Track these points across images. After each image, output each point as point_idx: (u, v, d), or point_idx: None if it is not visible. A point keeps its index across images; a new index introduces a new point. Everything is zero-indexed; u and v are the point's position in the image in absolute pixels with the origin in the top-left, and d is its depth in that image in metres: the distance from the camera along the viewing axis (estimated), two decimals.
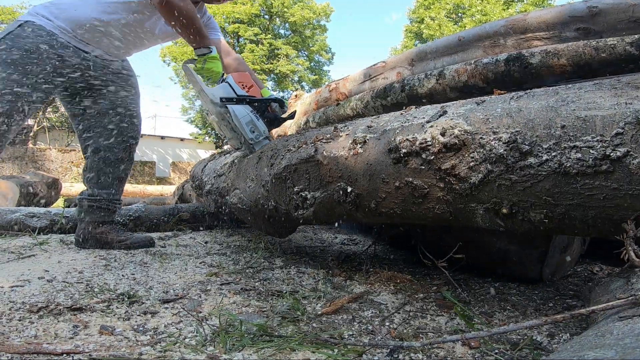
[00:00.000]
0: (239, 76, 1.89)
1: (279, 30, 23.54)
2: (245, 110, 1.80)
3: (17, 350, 0.80)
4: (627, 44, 1.48)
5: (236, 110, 1.78)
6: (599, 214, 0.84)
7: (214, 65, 1.84)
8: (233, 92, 1.81)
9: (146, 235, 2.07)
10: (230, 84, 1.83)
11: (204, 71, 1.85)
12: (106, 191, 1.98)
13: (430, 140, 1.01)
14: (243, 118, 1.79)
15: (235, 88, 1.83)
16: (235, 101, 1.80)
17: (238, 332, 0.93)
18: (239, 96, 1.81)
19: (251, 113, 1.81)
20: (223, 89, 1.82)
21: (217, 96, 1.80)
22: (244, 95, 1.82)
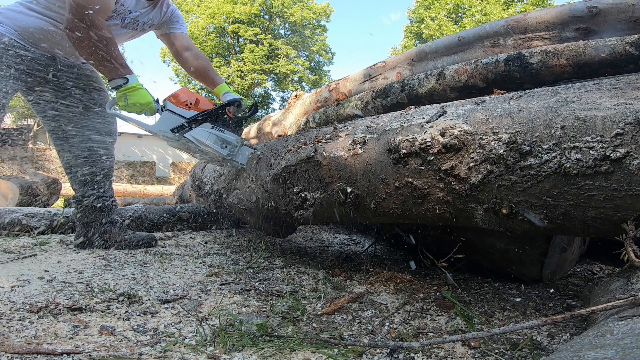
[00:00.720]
0: (178, 96, 1.66)
1: (279, 30, 23.55)
2: (205, 129, 1.61)
3: (17, 350, 0.80)
4: (627, 44, 1.48)
5: (195, 135, 1.60)
6: (598, 215, 0.84)
7: (138, 96, 1.61)
8: (180, 117, 1.61)
9: (148, 234, 2.07)
10: (172, 110, 1.62)
11: (131, 108, 1.63)
12: (95, 190, 1.97)
13: (430, 141, 1.01)
14: (208, 140, 1.61)
15: (180, 112, 1.62)
16: (189, 126, 1.60)
17: (238, 332, 0.93)
18: (189, 119, 1.60)
19: (213, 130, 1.62)
20: (167, 119, 1.61)
21: (167, 129, 1.60)
22: (194, 115, 1.61)
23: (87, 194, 1.96)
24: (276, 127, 3.79)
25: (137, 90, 1.61)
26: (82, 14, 1.53)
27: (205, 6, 20.51)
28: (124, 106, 1.63)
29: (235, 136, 1.68)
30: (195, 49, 2.12)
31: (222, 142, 1.64)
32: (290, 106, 3.72)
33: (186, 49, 2.08)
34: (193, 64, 2.07)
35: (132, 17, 1.83)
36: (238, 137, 1.70)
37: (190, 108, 1.63)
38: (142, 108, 1.63)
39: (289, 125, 3.53)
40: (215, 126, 1.64)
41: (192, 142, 1.60)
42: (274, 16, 22.37)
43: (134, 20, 1.85)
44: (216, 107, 1.67)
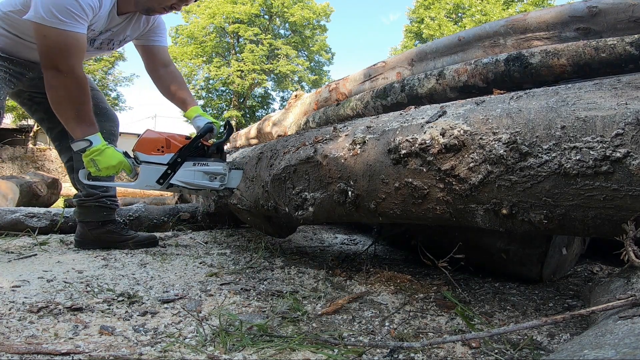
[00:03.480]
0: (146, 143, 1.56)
1: (279, 30, 23.56)
2: (188, 170, 1.55)
3: (17, 350, 0.80)
4: (627, 44, 1.48)
5: (181, 178, 1.54)
6: (599, 215, 0.84)
7: (108, 158, 1.52)
8: (158, 165, 1.54)
9: (150, 234, 2.07)
10: (148, 161, 1.54)
11: (104, 172, 1.54)
12: (98, 189, 1.94)
13: (430, 141, 1.01)
14: (194, 180, 1.55)
15: (156, 159, 1.54)
16: (171, 172, 1.54)
17: (238, 332, 0.93)
18: (169, 164, 1.54)
19: (196, 167, 1.55)
20: (147, 172, 1.55)
21: (152, 182, 1.55)
22: (172, 159, 1.54)
23: (90, 195, 1.94)
24: (276, 127, 3.79)
25: (104, 152, 1.52)
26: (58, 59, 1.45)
27: (205, 6, 20.51)
28: (96, 172, 1.55)
29: (221, 164, 1.61)
30: (173, 67, 1.99)
31: (210, 176, 1.58)
32: (290, 106, 3.72)
33: (164, 65, 1.94)
34: (167, 83, 1.93)
35: (103, 38, 1.71)
36: (223, 164, 1.63)
37: (164, 152, 1.55)
38: (116, 169, 1.56)
39: (289, 125, 3.53)
40: (197, 162, 1.56)
41: (180, 186, 1.55)
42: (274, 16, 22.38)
43: (107, 40, 1.74)
44: (190, 142, 1.57)
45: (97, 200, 1.95)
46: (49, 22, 1.40)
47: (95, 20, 1.56)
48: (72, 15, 1.42)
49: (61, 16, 1.40)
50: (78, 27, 1.45)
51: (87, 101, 1.54)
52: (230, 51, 22.60)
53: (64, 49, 1.44)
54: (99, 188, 1.96)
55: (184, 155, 1.55)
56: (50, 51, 1.44)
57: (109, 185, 1.64)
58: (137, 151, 1.56)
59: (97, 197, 1.96)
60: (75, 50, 1.47)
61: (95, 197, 1.95)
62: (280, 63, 21.45)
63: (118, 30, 1.73)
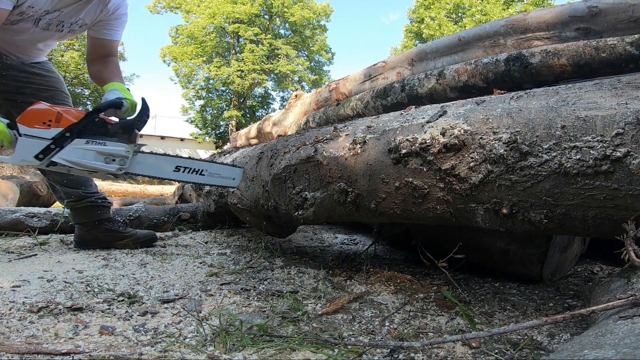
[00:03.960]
0: (31, 115, 1.35)
1: (279, 30, 23.55)
2: (78, 147, 1.35)
3: (17, 350, 0.80)
4: (627, 44, 1.48)
5: (66, 156, 1.34)
6: (599, 214, 0.84)
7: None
8: (41, 140, 1.34)
9: (148, 232, 2.07)
10: (28, 134, 1.34)
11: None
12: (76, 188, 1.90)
13: (430, 141, 1.01)
14: (83, 159, 1.35)
15: (39, 133, 1.33)
16: (56, 147, 1.34)
17: (238, 332, 0.93)
18: (54, 139, 1.33)
19: (89, 144, 1.36)
20: (25, 145, 1.34)
21: (29, 157, 1.34)
22: (59, 133, 1.33)
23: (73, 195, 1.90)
24: (276, 127, 3.79)
25: None
26: None
27: (205, 6, 20.51)
28: None
29: (123, 145, 1.39)
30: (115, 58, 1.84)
31: (105, 157, 1.37)
32: (291, 106, 3.72)
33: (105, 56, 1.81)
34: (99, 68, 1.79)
35: (51, 18, 1.62)
36: (127, 145, 1.40)
37: (52, 126, 1.35)
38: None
39: (289, 125, 3.53)
40: (92, 140, 1.36)
41: (65, 164, 1.34)
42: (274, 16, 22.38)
43: (57, 22, 1.64)
44: (84, 116, 1.38)
45: (88, 201, 1.92)
46: None
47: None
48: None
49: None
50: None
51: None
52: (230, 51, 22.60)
53: None
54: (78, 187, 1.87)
55: (75, 131, 1.35)
56: None
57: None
58: (20, 123, 1.36)
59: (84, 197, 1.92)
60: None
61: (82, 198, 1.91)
62: (281, 63, 21.45)
63: (69, 11, 1.64)
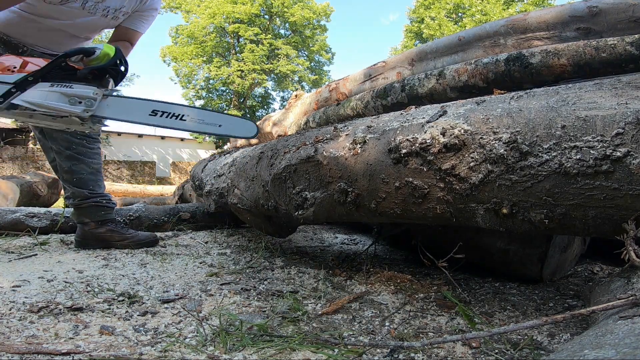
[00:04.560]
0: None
1: (279, 30, 23.56)
2: (42, 89, 1.34)
3: (17, 350, 0.80)
4: (627, 44, 1.48)
5: (28, 98, 1.33)
6: (599, 214, 0.84)
7: None
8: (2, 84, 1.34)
9: (150, 234, 2.07)
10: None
11: None
12: (84, 188, 1.93)
13: (430, 140, 1.01)
14: (47, 101, 1.33)
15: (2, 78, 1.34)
16: (17, 90, 1.33)
17: (238, 332, 0.93)
18: (15, 83, 1.33)
19: (54, 87, 1.35)
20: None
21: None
22: (20, 77, 1.33)
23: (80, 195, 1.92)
24: (276, 127, 3.79)
25: None
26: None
27: (206, 6, 20.52)
28: None
29: (91, 88, 1.37)
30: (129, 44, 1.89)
31: (70, 99, 1.34)
32: (291, 106, 3.72)
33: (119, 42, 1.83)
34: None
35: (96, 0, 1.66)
36: (96, 89, 1.38)
37: (15, 72, 1.36)
38: None
39: (289, 125, 3.53)
40: (57, 83, 1.35)
41: (27, 107, 1.33)
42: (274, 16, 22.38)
43: (102, 5, 1.69)
44: (50, 61, 1.37)
45: (92, 201, 1.94)
46: None
47: None
48: None
49: None
50: None
51: None
52: (230, 51, 22.61)
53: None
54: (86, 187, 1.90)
55: (39, 75, 1.35)
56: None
57: None
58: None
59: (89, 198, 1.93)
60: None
61: (87, 198, 1.93)
62: (281, 63, 21.46)
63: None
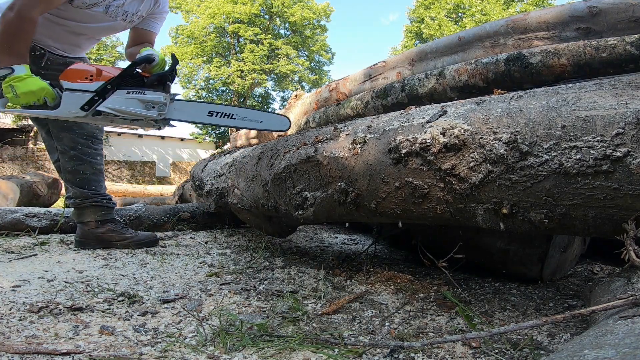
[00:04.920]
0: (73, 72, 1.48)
1: (279, 30, 23.56)
2: (121, 97, 1.46)
3: (17, 350, 0.80)
4: (627, 44, 1.48)
5: (111, 105, 1.44)
6: (599, 214, 0.84)
7: (28, 84, 1.44)
8: (85, 92, 1.45)
9: (150, 233, 2.07)
10: (72, 88, 1.45)
11: (23, 99, 1.46)
12: (87, 189, 1.94)
13: (430, 140, 1.01)
14: (128, 106, 1.46)
15: (83, 87, 1.45)
16: (99, 98, 1.44)
17: (238, 332, 0.93)
18: (97, 91, 1.44)
19: (130, 94, 1.47)
20: (71, 98, 1.45)
21: (75, 109, 1.45)
22: (101, 85, 1.44)
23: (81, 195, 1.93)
24: None
25: (26, 79, 1.44)
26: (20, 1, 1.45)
27: (206, 6, 20.51)
28: (13, 98, 1.44)
29: (161, 94, 1.51)
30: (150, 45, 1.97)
31: (146, 104, 1.48)
32: (291, 106, 3.73)
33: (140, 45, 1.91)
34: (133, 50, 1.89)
35: (117, 4, 1.72)
36: (164, 94, 1.52)
37: (93, 80, 1.47)
38: (36, 96, 1.46)
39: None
40: (132, 90, 1.48)
41: (111, 113, 1.45)
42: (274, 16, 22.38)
43: (121, 10, 1.75)
44: (123, 70, 1.49)
45: (93, 201, 1.94)
46: None
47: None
48: None
49: None
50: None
51: (25, 39, 1.50)
52: (230, 51, 22.61)
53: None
54: (89, 187, 1.92)
55: (115, 83, 1.46)
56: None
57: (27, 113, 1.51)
58: (62, 79, 1.47)
59: (90, 198, 1.94)
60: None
61: (88, 198, 1.94)
62: (281, 63, 21.46)
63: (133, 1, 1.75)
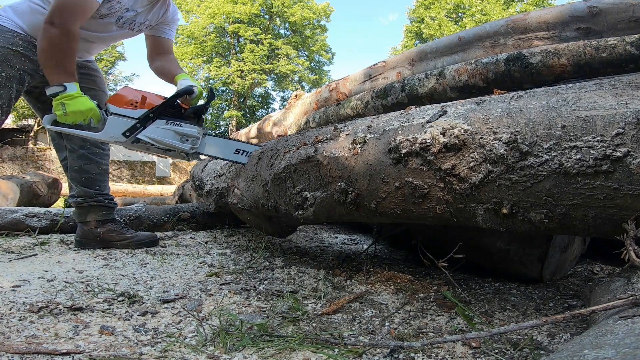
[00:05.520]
0: (120, 97, 1.55)
1: (279, 30, 23.56)
2: (159, 127, 1.53)
3: (17, 350, 0.80)
4: (627, 44, 1.48)
5: (150, 134, 1.52)
6: (599, 214, 0.84)
7: (78, 104, 1.50)
8: (128, 118, 1.52)
9: (150, 234, 2.07)
10: (118, 113, 1.52)
11: (71, 117, 1.52)
12: (92, 188, 1.95)
13: (430, 140, 1.01)
14: (165, 137, 1.52)
15: (127, 112, 1.53)
16: (141, 126, 1.52)
17: (238, 332, 0.93)
18: (139, 119, 1.52)
19: (168, 125, 1.53)
20: (115, 123, 1.52)
21: (118, 134, 1.52)
22: (144, 114, 1.52)
23: (85, 193, 1.95)
24: (276, 127, 3.80)
25: (77, 98, 1.51)
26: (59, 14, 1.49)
27: (206, 6, 20.51)
28: (62, 116, 1.51)
29: (195, 127, 1.58)
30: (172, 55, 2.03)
31: (181, 137, 1.54)
32: (291, 106, 3.73)
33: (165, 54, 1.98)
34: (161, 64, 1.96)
35: (128, 16, 1.77)
36: (198, 127, 1.59)
37: (137, 107, 1.54)
38: (84, 116, 1.52)
39: (289, 125, 3.54)
40: (170, 121, 1.54)
41: (148, 142, 1.52)
42: (274, 16, 22.38)
43: (130, 20, 1.80)
44: (166, 100, 1.56)
45: (95, 200, 1.96)
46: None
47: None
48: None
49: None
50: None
51: (71, 55, 1.55)
52: (230, 51, 22.61)
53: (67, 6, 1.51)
54: (94, 187, 1.95)
55: (157, 113, 1.53)
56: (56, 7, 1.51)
57: (72, 132, 1.57)
58: (110, 103, 1.55)
59: (93, 197, 1.95)
60: (81, 10, 1.54)
61: (91, 197, 1.95)
62: (281, 63, 21.45)
63: (142, 12, 1.80)
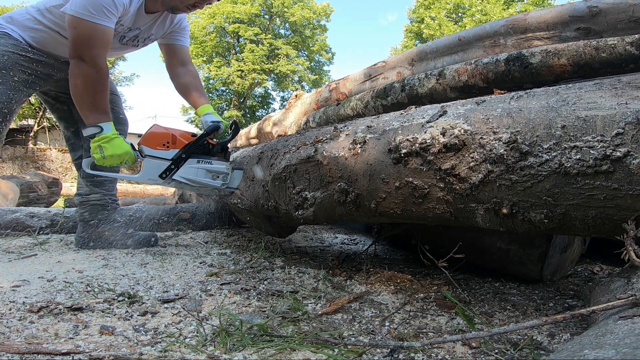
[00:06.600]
0: (152, 138, 1.60)
1: (279, 30, 23.55)
2: (191, 166, 1.58)
3: (17, 350, 0.80)
4: (627, 44, 1.48)
5: (184, 174, 1.57)
6: (599, 214, 0.84)
7: (115, 147, 1.56)
8: (162, 160, 1.58)
9: (149, 233, 2.08)
10: (153, 155, 1.58)
11: (109, 161, 1.57)
12: (101, 189, 1.98)
13: (430, 140, 1.01)
14: (197, 176, 1.58)
15: (161, 154, 1.58)
16: (175, 167, 1.58)
17: (238, 332, 0.93)
18: (173, 160, 1.57)
19: (200, 164, 1.59)
20: (151, 165, 1.58)
21: (155, 176, 1.58)
22: (176, 155, 1.58)
23: (93, 193, 1.96)
24: (276, 127, 3.79)
25: (113, 140, 1.56)
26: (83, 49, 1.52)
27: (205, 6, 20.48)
28: (100, 159, 1.56)
29: (224, 164, 1.64)
30: (191, 66, 2.04)
31: (212, 174, 1.60)
32: (291, 106, 3.72)
33: (182, 64, 2.00)
34: (182, 80, 1.98)
35: (131, 35, 1.79)
36: (227, 163, 1.66)
37: (169, 147, 1.59)
38: (121, 159, 1.58)
39: (289, 125, 3.53)
40: (201, 159, 1.60)
41: (182, 182, 1.58)
42: (274, 16, 22.38)
43: (133, 37, 1.81)
44: (196, 139, 1.62)
45: (101, 200, 1.97)
46: (81, 15, 1.50)
47: (124, 14, 1.65)
48: (102, 11, 1.53)
49: (93, 10, 1.51)
50: (107, 21, 1.55)
51: (104, 90, 1.60)
52: (230, 51, 22.60)
53: (90, 40, 1.54)
54: (103, 188, 1.97)
55: (188, 152, 1.59)
56: (78, 41, 1.53)
57: (112, 176, 1.65)
58: (143, 145, 1.61)
59: (100, 197, 1.97)
60: (100, 42, 1.56)
61: (98, 197, 1.97)
62: (281, 63, 21.45)
63: (145, 28, 1.81)
